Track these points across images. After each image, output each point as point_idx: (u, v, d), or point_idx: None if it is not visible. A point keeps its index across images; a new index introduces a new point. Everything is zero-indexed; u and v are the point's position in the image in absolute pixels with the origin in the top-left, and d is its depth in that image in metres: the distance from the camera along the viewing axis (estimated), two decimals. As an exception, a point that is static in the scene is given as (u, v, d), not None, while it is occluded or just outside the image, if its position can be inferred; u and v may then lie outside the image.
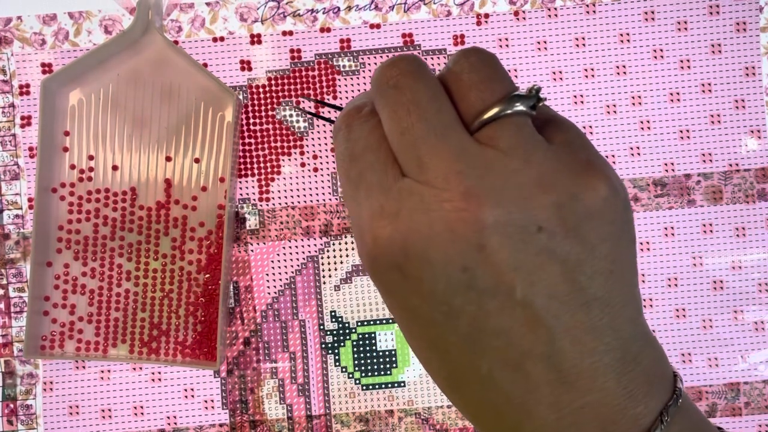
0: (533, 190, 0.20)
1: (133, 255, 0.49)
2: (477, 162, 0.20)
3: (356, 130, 0.22)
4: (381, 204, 0.21)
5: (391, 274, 0.21)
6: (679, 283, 0.51)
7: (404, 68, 0.22)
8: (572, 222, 0.20)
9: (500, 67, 0.22)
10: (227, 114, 0.49)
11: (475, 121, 0.21)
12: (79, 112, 0.50)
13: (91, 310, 0.49)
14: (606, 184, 0.20)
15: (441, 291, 0.20)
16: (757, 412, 0.50)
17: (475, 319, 0.20)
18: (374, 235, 0.21)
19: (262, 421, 0.50)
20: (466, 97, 0.21)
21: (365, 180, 0.21)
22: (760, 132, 0.50)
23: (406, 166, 0.21)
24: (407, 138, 0.21)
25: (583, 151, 0.21)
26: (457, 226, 0.19)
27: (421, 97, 0.21)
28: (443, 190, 0.20)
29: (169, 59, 0.49)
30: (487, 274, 0.20)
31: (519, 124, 0.21)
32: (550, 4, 0.51)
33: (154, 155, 0.50)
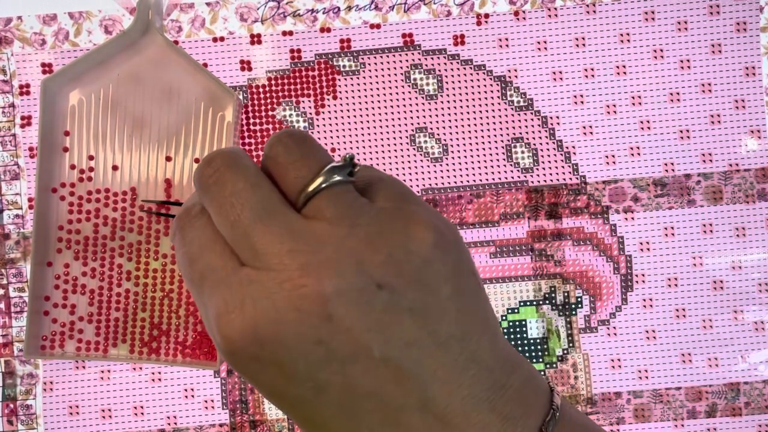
0: (365, 252, 0.20)
1: (133, 255, 0.49)
2: (307, 237, 0.21)
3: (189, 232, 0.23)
4: (224, 299, 0.21)
5: (251, 365, 0.21)
6: (679, 283, 0.51)
7: (221, 163, 0.22)
8: (409, 272, 0.21)
9: (313, 143, 0.23)
10: (227, 114, 0.49)
11: (299, 198, 0.22)
12: (79, 112, 0.50)
13: (91, 310, 0.50)
14: (431, 231, 0.21)
15: (303, 369, 0.21)
16: (757, 412, 0.50)
17: (343, 387, 0.21)
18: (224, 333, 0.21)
19: (262, 421, 0.50)
20: (286, 178, 0.22)
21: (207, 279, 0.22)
22: (760, 132, 0.50)
23: (243, 256, 0.21)
24: (237, 229, 0.21)
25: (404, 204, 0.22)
26: (301, 303, 0.20)
27: (242, 187, 0.22)
28: (280, 272, 0.20)
29: (169, 59, 0.49)
30: (342, 342, 0.20)
31: (339, 192, 0.22)
32: (550, 4, 0.51)
33: (154, 155, 0.50)
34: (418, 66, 0.51)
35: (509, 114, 0.51)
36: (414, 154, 0.51)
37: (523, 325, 0.51)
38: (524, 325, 0.51)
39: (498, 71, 0.51)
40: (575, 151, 0.51)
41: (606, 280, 0.51)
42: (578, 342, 0.51)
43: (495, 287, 0.51)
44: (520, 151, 0.51)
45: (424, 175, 0.51)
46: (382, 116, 0.51)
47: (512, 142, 0.51)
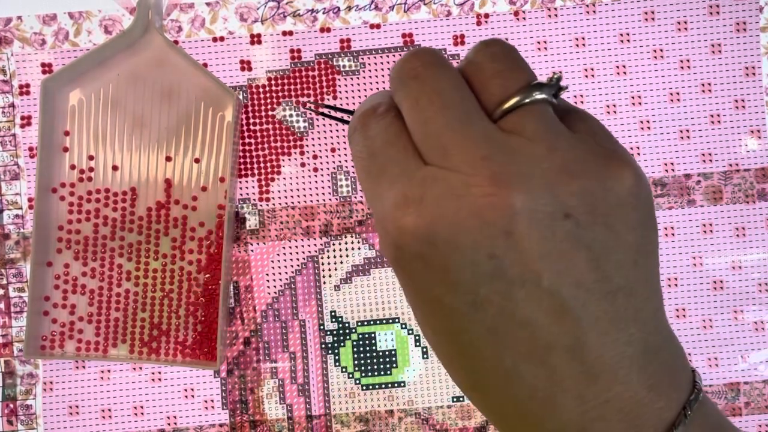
0: (560, 176, 0.19)
1: (133, 255, 0.49)
2: (503, 148, 0.20)
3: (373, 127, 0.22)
4: (404, 192, 0.20)
5: (415, 263, 0.20)
6: (679, 283, 0.51)
7: (425, 59, 0.22)
8: (599, 209, 0.20)
9: (520, 57, 0.22)
10: (227, 114, 0.49)
11: (497, 109, 0.21)
12: (79, 112, 0.50)
13: (91, 310, 0.49)
14: (632, 173, 0.20)
15: (467, 280, 0.20)
16: (757, 412, 0.50)
17: (501, 309, 0.20)
18: (398, 224, 0.20)
19: (262, 421, 0.50)
20: (488, 87, 0.21)
21: (387, 173, 0.21)
22: (760, 132, 0.50)
23: (430, 155, 0.21)
24: (431, 127, 0.21)
25: (606, 140, 0.21)
26: (485, 212, 0.19)
27: (444, 86, 0.21)
28: (470, 176, 0.19)
29: (169, 59, 0.49)
30: (514, 262, 0.19)
31: (541, 111, 0.21)
32: (550, 4, 0.51)
33: (154, 155, 0.50)
34: (418, 66, 0.51)
35: (509, 114, 0.51)
36: (414, 154, 0.51)
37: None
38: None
39: (498, 71, 0.51)
40: (575, 151, 0.51)
41: (606, 280, 0.51)
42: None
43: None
44: (520, 151, 0.51)
45: (424, 175, 0.51)
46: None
47: (512, 142, 0.51)
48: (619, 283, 0.20)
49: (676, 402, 0.20)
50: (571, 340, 0.20)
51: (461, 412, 0.50)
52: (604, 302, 0.20)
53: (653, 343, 0.21)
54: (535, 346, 0.20)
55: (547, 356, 0.20)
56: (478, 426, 0.50)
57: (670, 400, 0.20)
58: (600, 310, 0.20)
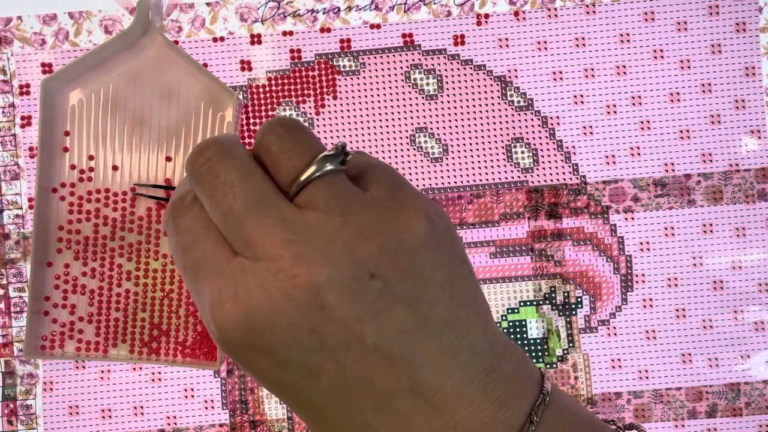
0: (357, 241, 0.21)
1: (133, 255, 0.49)
2: (299, 227, 0.21)
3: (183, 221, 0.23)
4: (218, 288, 0.21)
5: (245, 354, 0.21)
6: (679, 283, 0.51)
7: (214, 151, 0.22)
8: (402, 261, 0.21)
9: (306, 131, 0.23)
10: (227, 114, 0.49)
11: (292, 187, 0.22)
12: (79, 112, 0.50)
13: (91, 310, 0.49)
14: (423, 219, 0.21)
15: (296, 357, 0.21)
16: (758, 412, 0.50)
17: (335, 374, 0.21)
18: (218, 322, 0.21)
19: (262, 421, 0.50)
20: (279, 167, 0.22)
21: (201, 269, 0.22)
22: (760, 132, 0.50)
23: (236, 246, 0.21)
24: (229, 219, 0.21)
25: (397, 192, 0.22)
26: (294, 293, 0.20)
27: (234, 176, 0.22)
28: (273, 262, 0.20)
29: (169, 59, 0.49)
30: (335, 330, 0.20)
31: (332, 181, 0.22)
32: (550, 4, 0.51)
33: (154, 155, 0.50)
34: (418, 66, 0.51)
35: (509, 114, 0.51)
36: (414, 154, 0.51)
37: (523, 325, 0.51)
38: (524, 325, 0.51)
39: (498, 71, 0.51)
40: (575, 151, 0.51)
41: (606, 280, 0.51)
42: (578, 342, 0.51)
43: (495, 287, 0.51)
44: (520, 151, 0.51)
45: (424, 175, 0.51)
46: (382, 116, 0.51)
47: (512, 142, 0.51)
48: (439, 320, 0.21)
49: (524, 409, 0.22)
50: (409, 383, 0.21)
51: (461, 412, 0.50)
52: (430, 340, 0.21)
53: (490, 360, 0.22)
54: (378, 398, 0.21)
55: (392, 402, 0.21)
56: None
57: (517, 409, 0.22)
58: (428, 349, 0.21)
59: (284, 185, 0.22)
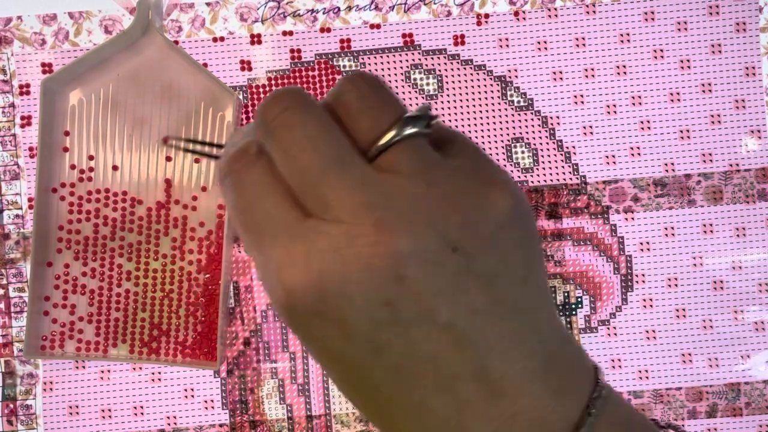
0: (442, 212, 0.20)
1: (133, 255, 0.49)
2: (381, 191, 0.20)
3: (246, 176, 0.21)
4: (288, 251, 0.20)
5: (311, 322, 0.20)
6: (679, 283, 0.51)
7: (290, 102, 0.21)
8: (484, 236, 0.20)
9: (388, 91, 0.22)
10: (227, 114, 0.49)
11: (372, 148, 0.21)
12: (79, 112, 0.50)
13: (91, 310, 0.49)
14: (509, 195, 0.21)
15: (365, 329, 0.20)
16: (758, 412, 0.50)
17: (402, 351, 0.20)
18: (286, 286, 0.20)
19: (262, 421, 0.50)
20: (359, 126, 0.21)
21: (266, 229, 0.20)
22: (760, 132, 0.50)
23: (310, 206, 0.20)
24: (306, 177, 0.20)
25: (482, 165, 0.21)
26: (374, 261, 0.19)
27: (313, 132, 0.20)
28: (353, 225, 0.19)
29: (169, 59, 0.49)
30: (410, 304, 0.19)
31: (416, 146, 0.21)
32: (550, 4, 0.51)
33: (154, 155, 0.50)
34: (418, 66, 0.51)
35: (509, 114, 0.51)
36: (414, 154, 0.51)
37: (523, 325, 0.51)
38: (524, 325, 0.51)
39: (498, 71, 0.51)
40: (575, 151, 0.51)
41: (606, 280, 0.51)
42: (578, 342, 0.51)
43: (495, 287, 0.51)
44: (520, 151, 0.51)
45: (424, 175, 0.51)
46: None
47: (512, 142, 0.51)
48: (512, 302, 0.20)
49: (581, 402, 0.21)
50: (475, 367, 0.20)
51: (461, 412, 0.50)
52: (500, 324, 0.20)
53: (552, 350, 0.21)
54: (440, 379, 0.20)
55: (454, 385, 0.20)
56: (478, 426, 0.50)
57: (574, 401, 0.21)
58: (497, 332, 0.20)
59: (362, 145, 0.21)
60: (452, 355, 0.20)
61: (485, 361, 0.20)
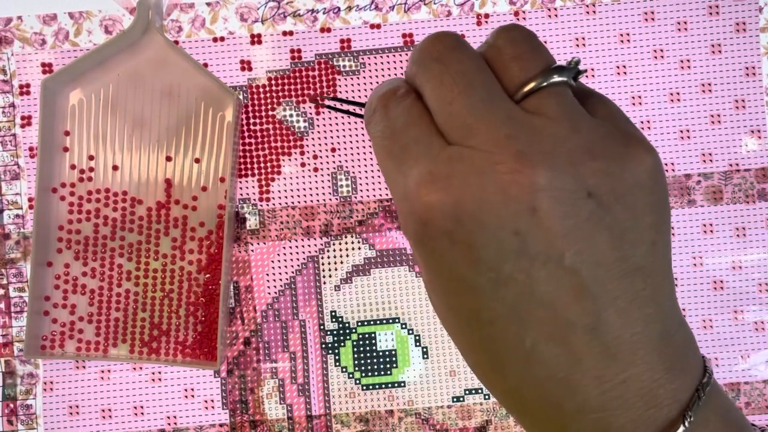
0: (583, 156, 0.20)
1: (133, 255, 0.49)
2: (526, 127, 0.20)
3: (394, 108, 0.23)
4: (430, 170, 0.20)
5: (440, 240, 0.20)
6: (679, 283, 0.51)
7: (447, 43, 0.22)
8: (620, 190, 0.20)
9: (539, 41, 0.22)
10: (227, 114, 0.49)
11: (519, 92, 0.21)
12: (79, 112, 0.50)
13: (91, 310, 0.49)
14: (651, 157, 0.21)
15: (491, 257, 0.20)
16: (758, 412, 0.50)
17: (523, 287, 0.20)
18: (424, 201, 0.20)
19: (262, 421, 0.50)
20: (509, 70, 0.22)
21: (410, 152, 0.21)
22: (760, 132, 0.50)
23: (454, 134, 0.21)
24: (455, 107, 0.21)
25: (625, 124, 0.22)
26: (511, 188, 0.19)
27: (466, 68, 0.21)
28: (495, 153, 0.20)
29: (169, 59, 0.49)
30: (538, 239, 0.19)
31: (562, 93, 0.21)
32: (550, 4, 0.51)
33: (154, 155, 0.50)
34: (418, 66, 0.51)
35: (509, 114, 0.51)
36: (414, 154, 0.51)
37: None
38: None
39: (498, 71, 0.51)
40: (575, 151, 0.51)
41: (606, 280, 0.51)
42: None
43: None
44: (520, 151, 0.51)
45: (424, 175, 0.51)
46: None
47: (512, 142, 0.51)
48: (637, 263, 0.20)
49: (690, 384, 0.21)
50: (591, 320, 0.20)
51: (461, 412, 0.50)
52: (623, 282, 0.20)
53: (669, 325, 0.21)
54: (555, 326, 0.20)
55: (567, 336, 0.20)
56: (478, 426, 0.50)
57: (684, 382, 0.21)
58: (619, 290, 0.20)
59: (511, 88, 0.22)
60: (570, 303, 0.20)
61: (603, 316, 0.20)
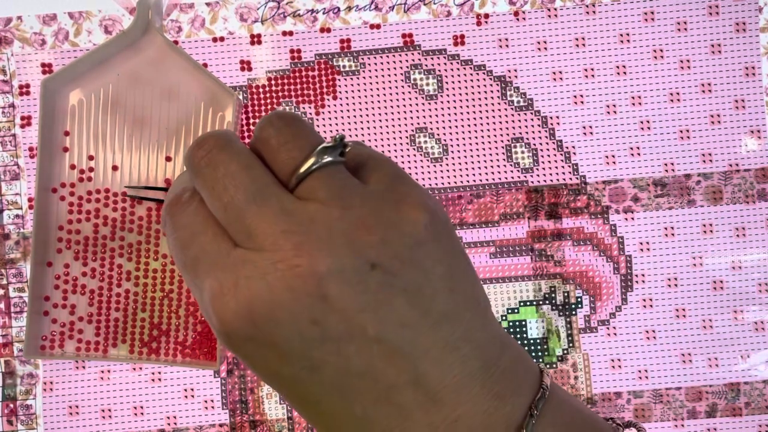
0: (358, 233, 0.21)
1: (133, 255, 0.49)
2: (300, 218, 0.21)
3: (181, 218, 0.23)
4: (219, 281, 0.21)
5: (246, 346, 0.21)
6: (679, 283, 0.51)
7: (213, 144, 0.22)
8: (403, 253, 0.21)
9: (304, 123, 0.23)
10: (227, 114, 0.49)
11: (292, 179, 0.22)
12: (79, 112, 0.50)
13: (91, 310, 0.49)
14: (423, 211, 0.21)
15: (298, 349, 0.21)
16: (758, 412, 0.50)
17: (337, 366, 0.21)
18: (219, 314, 0.21)
19: (262, 421, 0.50)
20: (278, 159, 0.22)
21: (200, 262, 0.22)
22: (760, 132, 0.50)
23: (237, 238, 0.21)
24: (230, 211, 0.21)
25: (397, 185, 0.22)
26: (295, 283, 0.20)
27: (235, 169, 0.22)
28: (274, 252, 0.20)
29: (169, 59, 0.49)
30: (337, 322, 0.20)
31: (332, 173, 0.22)
32: (550, 4, 0.51)
33: (154, 155, 0.50)
34: (418, 66, 0.51)
35: (509, 114, 0.51)
36: (414, 154, 0.51)
37: (523, 325, 0.51)
38: (524, 325, 0.51)
39: (498, 71, 0.51)
40: (575, 151, 0.51)
41: (606, 280, 0.51)
42: (578, 342, 0.51)
43: (495, 287, 0.51)
44: (520, 151, 0.51)
45: (424, 175, 0.51)
46: (382, 116, 0.51)
47: (512, 142, 0.51)
48: (440, 312, 0.21)
49: (523, 404, 0.22)
50: (410, 376, 0.21)
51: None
52: (430, 333, 0.21)
53: (489, 355, 0.22)
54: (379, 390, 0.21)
55: (392, 396, 0.21)
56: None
57: (516, 403, 0.21)
58: (429, 342, 0.21)
59: (283, 177, 0.22)
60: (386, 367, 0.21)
61: (420, 369, 0.21)
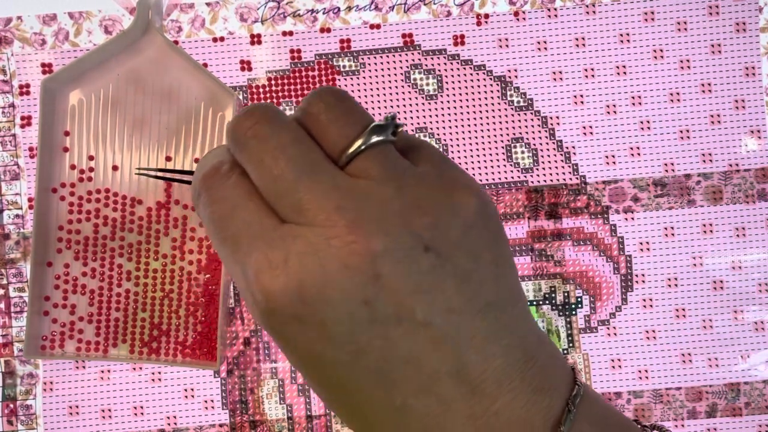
0: (412, 213, 0.20)
1: (133, 255, 0.49)
2: (354, 195, 0.20)
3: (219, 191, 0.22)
4: (266, 256, 0.20)
5: (290, 326, 0.20)
6: (679, 283, 0.51)
7: (260, 117, 0.22)
8: (454, 237, 0.21)
9: (354, 102, 0.22)
10: (227, 114, 0.49)
11: (342, 156, 0.21)
12: (79, 112, 0.50)
13: (91, 310, 0.49)
14: (475, 197, 0.21)
15: (345, 331, 0.20)
16: (758, 412, 0.50)
17: (383, 351, 0.20)
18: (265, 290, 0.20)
19: (262, 421, 0.50)
20: (328, 136, 0.22)
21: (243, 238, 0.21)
22: (760, 132, 0.50)
23: (285, 212, 0.21)
24: (280, 184, 0.21)
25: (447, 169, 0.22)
26: (350, 260, 0.19)
27: (285, 141, 0.21)
28: (328, 228, 0.20)
29: (169, 59, 0.49)
30: (387, 303, 0.20)
31: (384, 152, 0.21)
32: (550, 4, 0.51)
33: (154, 155, 0.50)
34: (418, 66, 0.51)
35: (509, 114, 0.51)
36: (414, 154, 0.51)
37: (523, 325, 0.51)
38: (524, 325, 0.51)
39: (498, 71, 0.51)
40: (575, 151, 0.51)
41: (606, 280, 0.51)
42: (578, 342, 0.51)
43: (495, 287, 0.51)
44: (520, 151, 0.51)
45: (424, 175, 0.51)
46: (382, 116, 0.51)
47: (512, 142, 0.51)
48: (486, 300, 0.21)
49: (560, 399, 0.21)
50: (453, 364, 0.20)
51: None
52: (475, 321, 0.21)
53: (529, 349, 0.21)
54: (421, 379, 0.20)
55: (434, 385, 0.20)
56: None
57: (554, 398, 0.21)
58: (473, 330, 0.20)
59: (333, 154, 0.21)
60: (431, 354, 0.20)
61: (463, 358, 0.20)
